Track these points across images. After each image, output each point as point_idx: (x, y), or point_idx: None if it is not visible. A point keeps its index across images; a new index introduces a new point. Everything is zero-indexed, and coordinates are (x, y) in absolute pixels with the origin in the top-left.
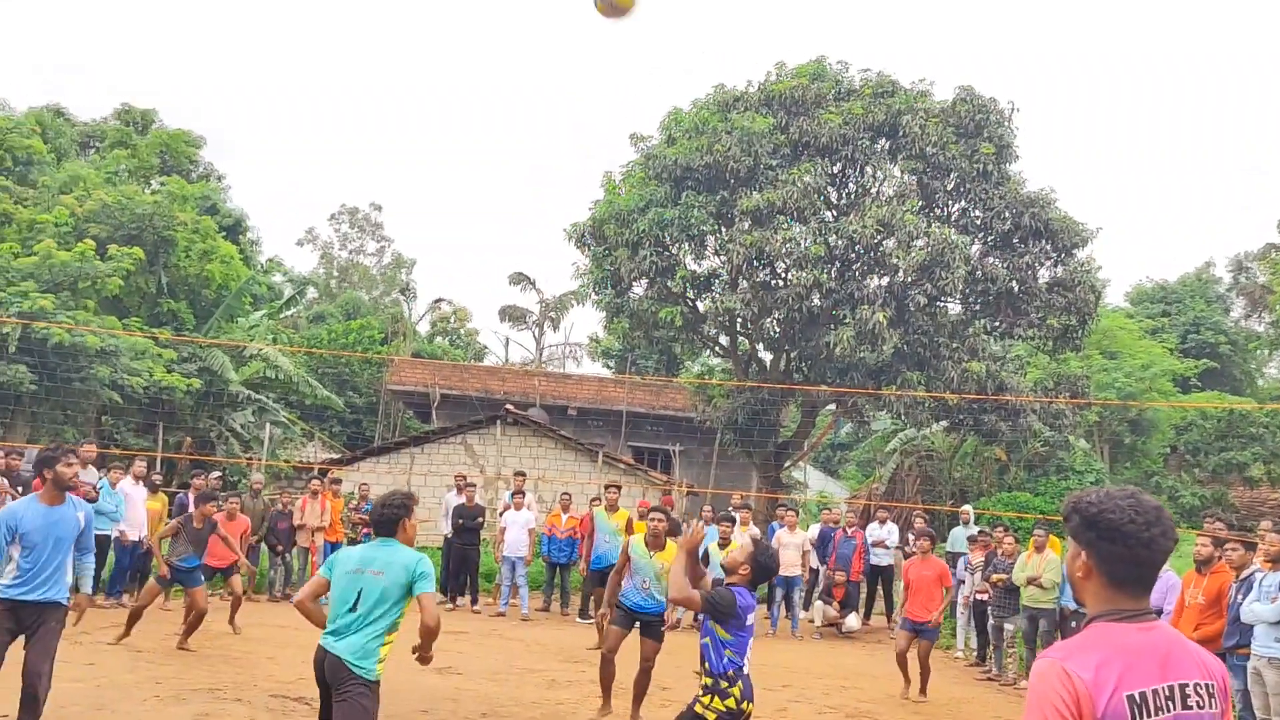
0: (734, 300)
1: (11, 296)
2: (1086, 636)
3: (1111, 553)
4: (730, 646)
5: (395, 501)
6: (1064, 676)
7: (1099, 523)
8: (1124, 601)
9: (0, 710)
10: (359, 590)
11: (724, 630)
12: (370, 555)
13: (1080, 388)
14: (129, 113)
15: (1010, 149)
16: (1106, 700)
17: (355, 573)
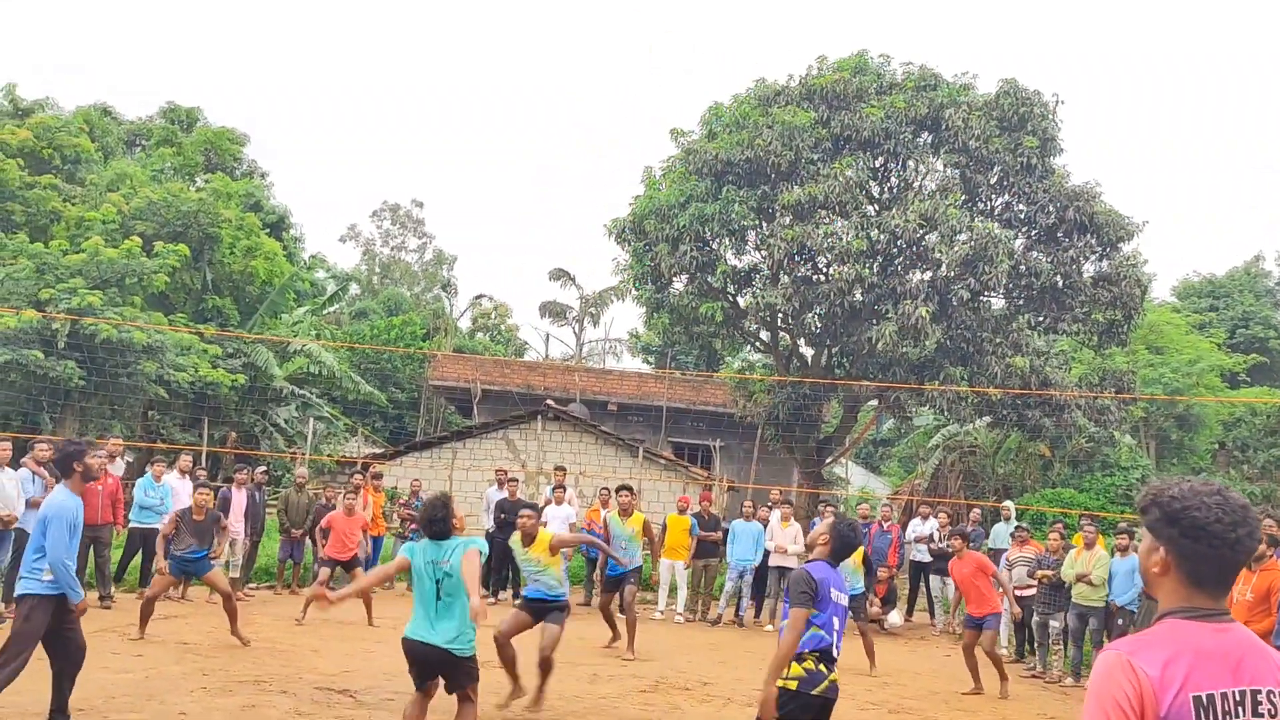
0: (775, 295)
1: (61, 293)
2: (1156, 632)
3: (1194, 551)
4: (815, 622)
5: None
6: (1129, 670)
7: (1182, 519)
8: (1200, 600)
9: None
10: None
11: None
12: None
13: (1126, 383)
14: (174, 111)
15: (1054, 142)
16: (1171, 699)
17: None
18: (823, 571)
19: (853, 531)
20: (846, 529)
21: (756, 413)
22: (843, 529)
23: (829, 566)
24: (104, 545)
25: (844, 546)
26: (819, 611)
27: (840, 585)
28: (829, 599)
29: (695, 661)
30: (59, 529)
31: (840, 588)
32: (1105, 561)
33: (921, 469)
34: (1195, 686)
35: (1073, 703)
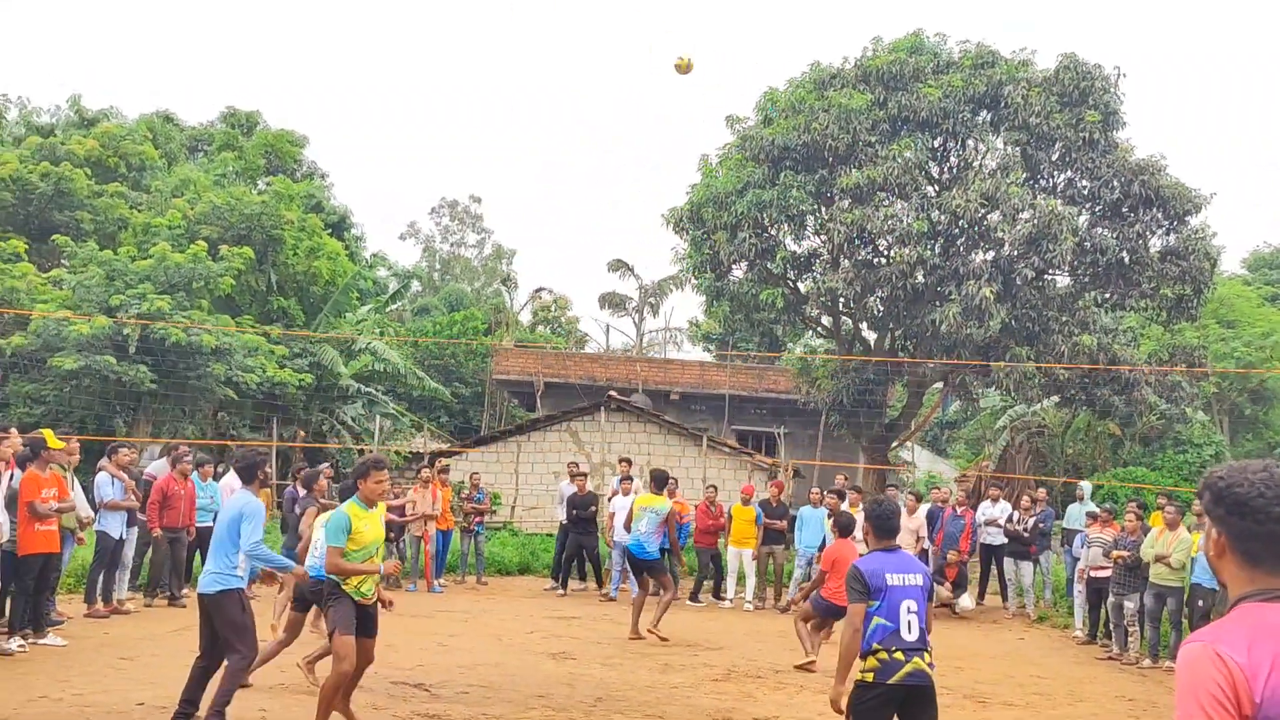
0: (836, 280)
1: (130, 299)
2: (1233, 618)
3: (1242, 529)
4: (876, 613)
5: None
6: (1217, 661)
7: (1227, 498)
8: (1265, 580)
9: (136, 697)
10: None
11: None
12: None
13: (1197, 358)
14: (234, 115)
15: (1117, 116)
16: (1264, 683)
17: None
18: (873, 562)
19: (881, 506)
20: (873, 506)
21: (820, 398)
22: (871, 509)
23: (882, 553)
24: (180, 547)
25: (882, 522)
26: (876, 602)
27: (901, 567)
28: (884, 586)
29: (766, 649)
30: (256, 525)
31: (901, 569)
32: (1187, 543)
33: (989, 450)
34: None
35: (1151, 684)
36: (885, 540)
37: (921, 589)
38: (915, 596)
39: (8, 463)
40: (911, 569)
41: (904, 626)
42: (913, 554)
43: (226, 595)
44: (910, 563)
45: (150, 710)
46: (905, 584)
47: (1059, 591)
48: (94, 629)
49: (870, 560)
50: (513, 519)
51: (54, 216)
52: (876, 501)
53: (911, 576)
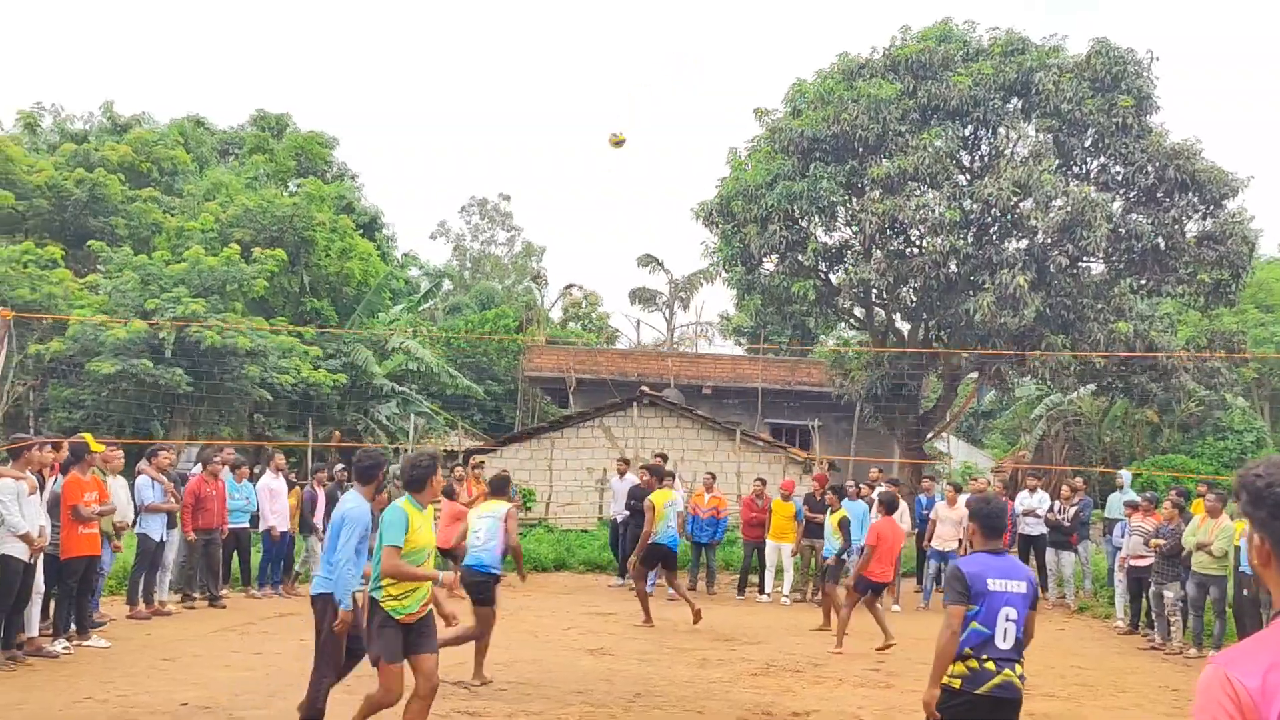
0: (868, 271)
1: (166, 302)
2: (1260, 637)
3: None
4: (973, 618)
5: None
6: (1227, 685)
7: (1268, 498)
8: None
9: (180, 698)
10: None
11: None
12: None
13: (1236, 343)
14: (264, 118)
15: (1150, 100)
16: (1277, 710)
17: None
18: (976, 565)
19: (987, 504)
20: (981, 504)
21: (854, 390)
22: (978, 507)
23: (987, 555)
24: (215, 547)
25: (989, 521)
26: (977, 607)
27: (1004, 573)
28: (985, 591)
29: (805, 643)
30: (352, 531)
31: (1004, 574)
32: (1230, 531)
33: (1025, 440)
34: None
35: (1194, 674)
36: (992, 541)
37: (1024, 597)
38: (1015, 604)
39: (51, 468)
40: (1015, 575)
41: (999, 634)
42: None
43: (328, 598)
44: (1015, 568)
45: (193, 710)
46: (1007, 590)
47: (1099, 581)
48: (136, 630)
49: (973, 562)
50: (547, 515)
51: (89, 222)
52: (984, 500)
53: (1015, 583)
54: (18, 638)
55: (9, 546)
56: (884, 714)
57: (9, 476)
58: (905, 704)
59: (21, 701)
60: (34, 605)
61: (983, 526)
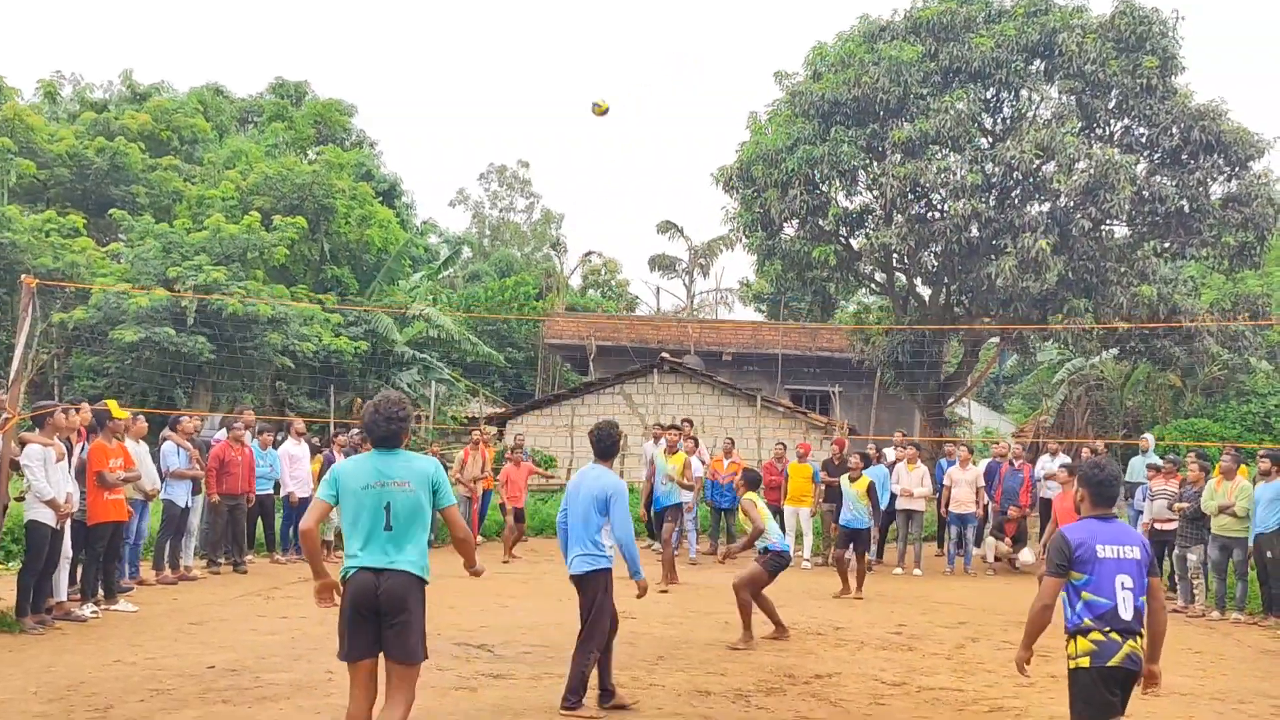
0: (889, 235)
1: (187, 271)
2: None
3: None
4: (1084, 588)
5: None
6: None
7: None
8: None
9: (207, 661)
10: (386, 504)
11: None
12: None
13: (1260, 307)
14: (283, 86)
15: (1175, 60)
16: None
17: (376, 487)
18: (1082, 532)
19: (1097, 469)
20: (1093, 469)
21: (875, 356)
22: (1090, 472)
23: (1096, 522)
24: (240, 513)
25: (1099, 488)
26: (1087, 575)
27: (1115, 538)
28: (1094, 559)
29: (826, 607)
30: (624, 507)
31: (1116, 540)
32: (1248, 492)
33: (1047, 405)
34: None
35: (1218, 637)
36: (1102, 508)
37: (1138, 563)
38: (1130, 571)
39: (77, 434)
40: (1128, 540)
41: (1121, 604)
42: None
43: (592, 576)
44: (1127, 533)
45: (220, 673)
46: (1120, 556)
47: None
48: (163, 595)
49: (1080, 529)
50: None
51: (110, 191)
52: (1097, 465)
53: (1128, 549)
54: (46, 602)
55: (37, 512)
56: (905, 676)
57: (37, 443)
58: (926, 666)
59: (51, 664)
60: (62, 570)
61: (1093, 493)
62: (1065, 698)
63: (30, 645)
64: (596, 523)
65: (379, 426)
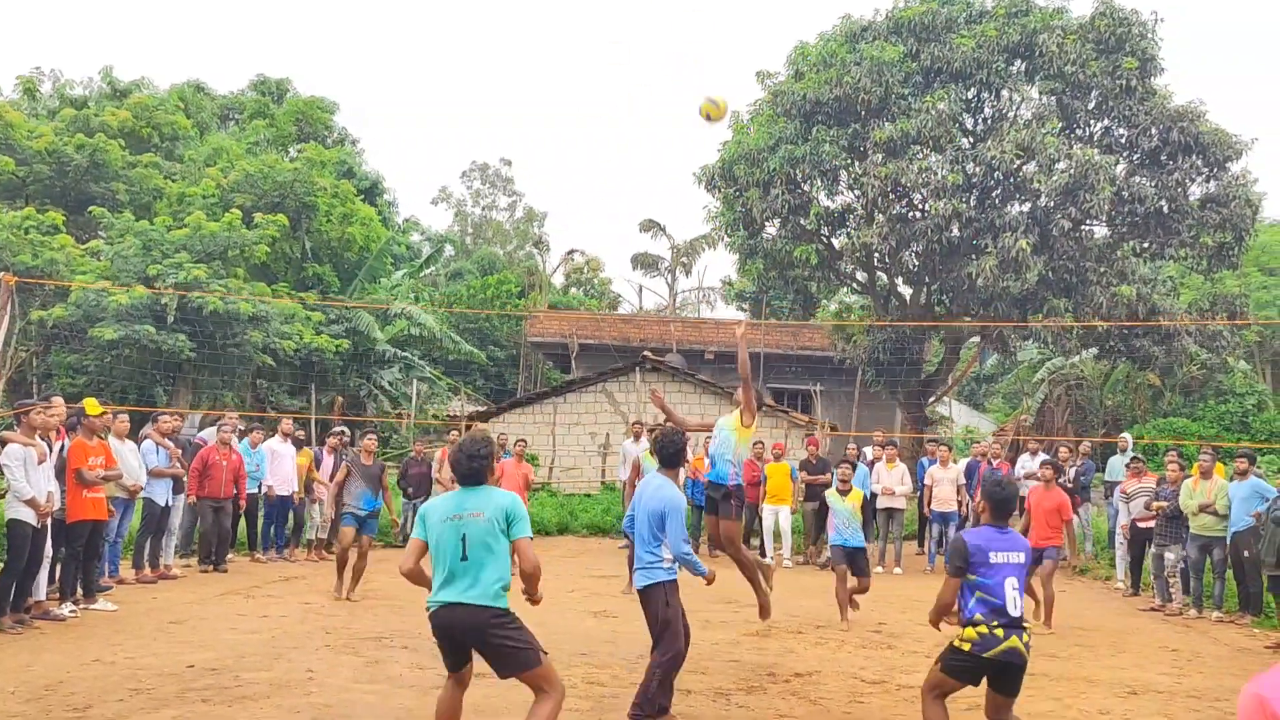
0: (870, 235)
1: (168, 268)
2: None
3: None
4: (979, 587)
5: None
6: (1257, 702)
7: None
8: None
9: (187, 660)
10: (463, 535)
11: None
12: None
13: (1238, 307)
14: (264, 83)
15: (1155, 62)
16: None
17: (454, 520)
18: (980, 538)
19: (998, 485)
20: (993, 486)
21: (856, 355)
22: (990, 488)
23: (993, 530)
24: (224, 515)
25: (1000, 502)
26: (980, 577)
27: (1009, 546)
28: (988, 563)
29: (807, 606)
30: (679, 519)
31: (1009, 548)
32: (1226, 490)
33: (1027, 404)
34: None
35: (1194, 635)
36: (999, 521)
37: (1022, 566)
38: (1017, 574)
39: (57, 432)
40: (1017, 547)
41: (1009, 603)
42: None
43: (652, 589)
44: (1017, 541)
45: (200, 672)
46: (1009, 562)
47: (1100, 544)
48: (143, 594)
49: (978, 535)
50: (550, 480)
51: (90, 188)
52: (999, 483)
53: (1015, 554)
54: (25, 602)
55: (18, 510)
56: (885, 674)
57: (17, 442)
58: (906, 664)
59: (30, 664)
60: (41, 570)
61: (993, 506)
62: (1043, 696)
63: (8, 645)
64: (658, 538)
65: (461, 465)
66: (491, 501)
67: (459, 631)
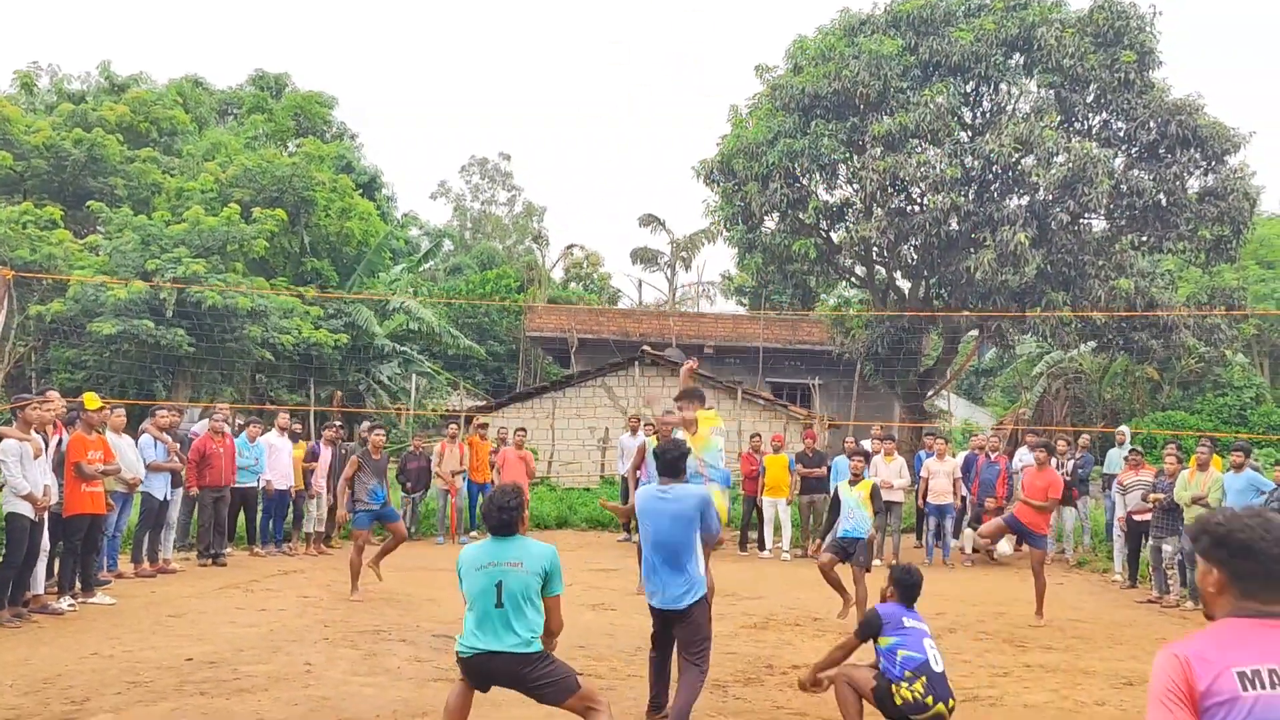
0: (869, 228)
1: (166, 263)
2: (1208, 629)
3: (1244, 569)
4: (899, 647)
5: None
6: (1171, 660)
7: (1229, 542)
8: (1253, 605)
9: (185, 653)
10: (498, 583)
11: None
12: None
13: (1236, 300)
14: (263, 78)
15: (1153, 55)
16: (1213, 677)
17: (490, 567)
18: (891, 611)
19: (907, 574)
20: (901, 574)
21: (855, 349)
22: (899, 576)
23: (901, 607)
24: (223, 505)
25: (907, 589)
26: (898, 638)
27: (918, 619)
28: (903, 627)
29: (805, 598)
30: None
31: (918, 620)
32: (1220, 483)
33: (1026, 398)
34: (1238, 663)
35: (1191, 627)
36: (905, 603)
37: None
38: (930, 638)
39: (55, 426)
40: (923, 621)
41: (931, 659)
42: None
43: (698, 606)
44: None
45: (198, 665)
46: (920, 628)
47: (1098, 536)
48: (141, 588)
49: (889, 609)
50: (549, 474)
51: (88, 183)
52: (906, 571)
53: (924, 625)
54: (23, 595)
55: (16, 504)
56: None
57: (12, 437)
58: None
59: (28, 658)
60: (39, 563)
61: (900, 592)
62: (1040, 687)
63: (7, 638)
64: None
65: (491, 516)
66: (529, 553)
67: (495, 678)
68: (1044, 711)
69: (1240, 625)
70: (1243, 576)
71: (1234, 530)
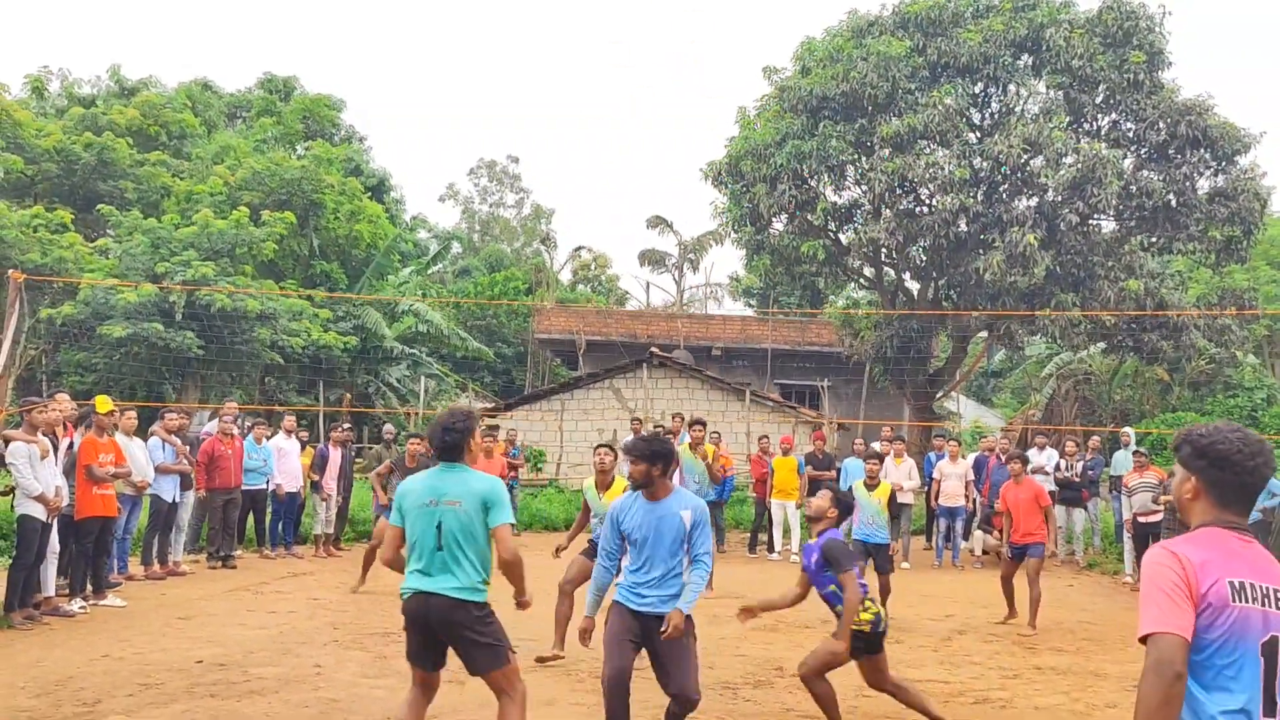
0: (877, 230)
1: (176, 266)
2: (1194, 535)
3: (1220, 478)
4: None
5: (459, 425)
6: (1173, 558)
7: (1209, 452)
8: (1228, 516)
9: (195, 655)
10: (438, 524)
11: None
12: (441, 485)
13: (1247, 300)
14: (271, 81)
15: (1162, 56)
16: (1211, 583)
17: (430, 506)
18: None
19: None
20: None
21: (864, 350)
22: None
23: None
24: (233, 507)
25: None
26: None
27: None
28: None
29: (814, 600)
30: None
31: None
32: None
33: (1035, 399)
34: (1230, 574)
35: None
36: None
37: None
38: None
39: (66, 429)
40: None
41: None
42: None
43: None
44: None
45: (209, 667)
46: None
47: (1107, 538)
48: (151, 590)
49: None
50: (558, 476)
51: (98, 186)
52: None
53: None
54: (35, 597)
55: (27, 506)
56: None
57: (20, 440)
58: (913, 658)
59: (40, 660)
60: (49, 565)
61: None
62: (1051, 690)
63: (18, 640)
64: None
65: (436, 437)
66: (469, 489)
67: (432, 622)
68: (1055, 714)
69: (1227, 536)
70: (1218, 485)
71: (1215, 441)
